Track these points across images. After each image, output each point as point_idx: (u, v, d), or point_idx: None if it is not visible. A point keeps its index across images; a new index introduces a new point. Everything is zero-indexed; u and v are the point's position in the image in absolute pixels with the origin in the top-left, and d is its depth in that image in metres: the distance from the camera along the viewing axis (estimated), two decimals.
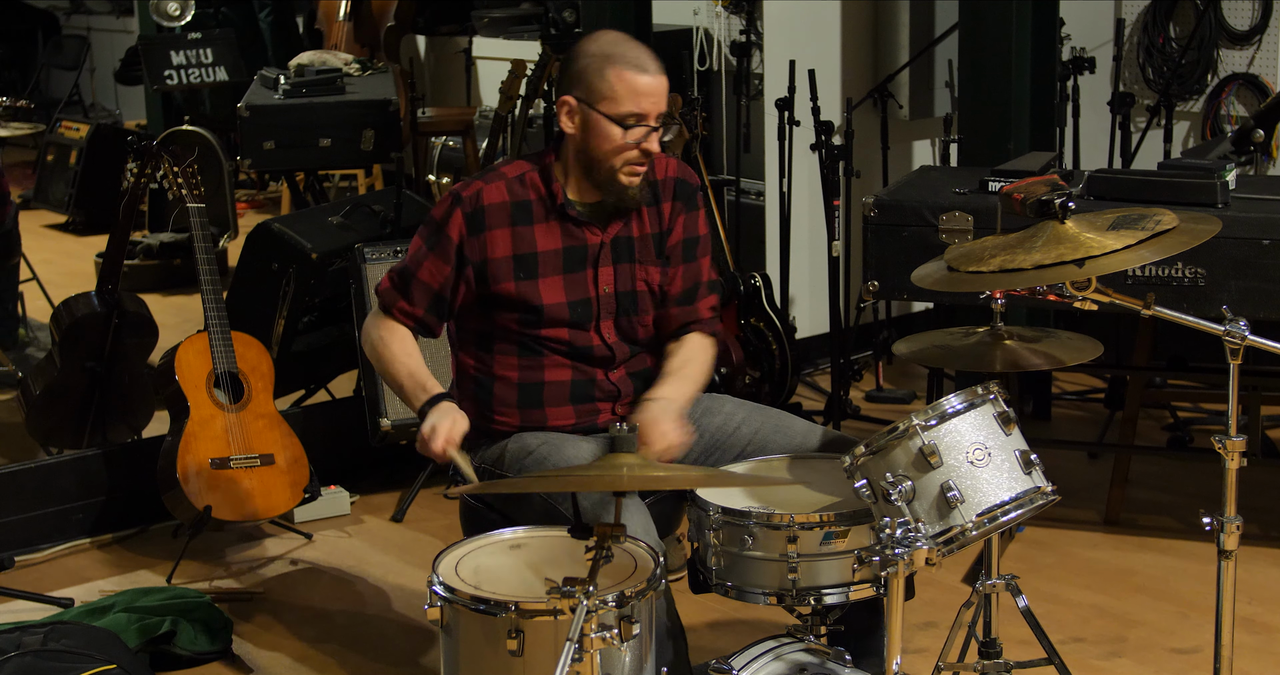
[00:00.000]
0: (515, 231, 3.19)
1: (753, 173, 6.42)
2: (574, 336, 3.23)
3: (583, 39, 3.19)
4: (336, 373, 5.36)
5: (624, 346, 3.28)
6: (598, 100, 3.10)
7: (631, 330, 3.29)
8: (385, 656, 3.91)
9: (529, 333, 3.22)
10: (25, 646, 3.37)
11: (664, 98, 3.13)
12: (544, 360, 3.24)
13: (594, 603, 2.46)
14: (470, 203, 3.18)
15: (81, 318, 4.77)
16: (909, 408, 5.67)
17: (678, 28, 7.29)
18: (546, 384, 3.24)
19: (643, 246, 3.28)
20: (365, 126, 6.43)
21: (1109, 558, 4.39)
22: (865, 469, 2.77)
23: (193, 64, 8.42)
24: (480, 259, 3.19)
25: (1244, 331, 2.82)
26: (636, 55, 3.11)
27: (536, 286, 3.19)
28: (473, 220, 3.18)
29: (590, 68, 3.10)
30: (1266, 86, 5.63)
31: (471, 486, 3.05)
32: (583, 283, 3.23)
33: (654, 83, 3.10)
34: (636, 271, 3.28)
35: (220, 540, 4.61)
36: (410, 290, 3.23)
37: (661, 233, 3.31)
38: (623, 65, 3.09)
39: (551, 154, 3.25)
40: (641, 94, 3.09)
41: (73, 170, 8.57)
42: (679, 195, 3.33)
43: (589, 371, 3.26)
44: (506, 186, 3.21)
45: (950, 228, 4.18)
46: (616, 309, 3.26)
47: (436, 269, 3.21)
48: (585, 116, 3.13)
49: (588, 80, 3.11)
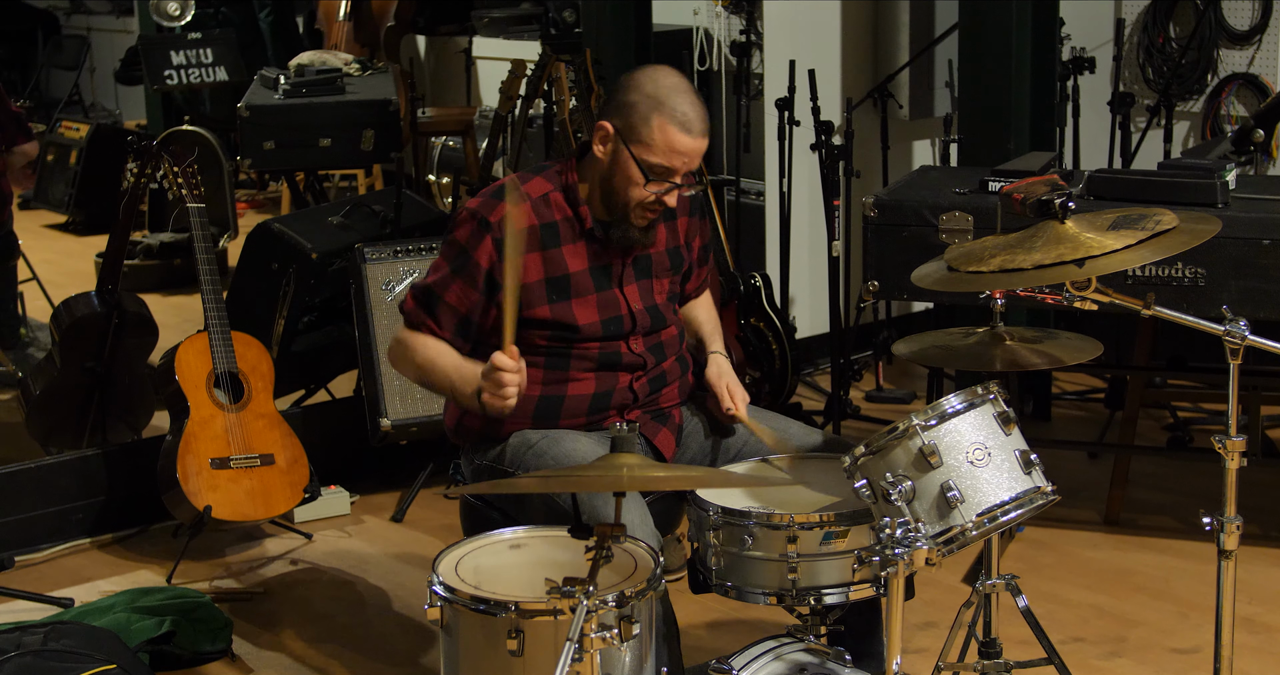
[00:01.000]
0: (545, 255, 3.17)
1: (753, 173, 6.42)
2: (605, 348, 3.23)
3: (644, 69, 3.15)
4: (336, 373, 5.36)
5: (652, 356, 3.29)
6: (634, 141, 3.08)
7: (658, 339, 3.30)
8: (385, 656, 3.91)
9: (560, 348, 3.21)
10: (25, 646, 3.37)
11: (698, 158, 3.12)
12: (569, 374, 3.22)
13: (594, 603, 2.46)
14: (499, 229, 3.12)
15: (81, 318, 4.77)
16: (909, 408, 5.67)
17: (678, 28, 7.28)
18: (568, 397, 3.23)
19: (659, 262, 3.31)
20: (365, 126, 6.43)
21: (1109, 558, 4.39)
22: (865, 469, 2.77)
23: (193, 64, 8.42)
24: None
25: (1244, 331, 2.82)
26: (686, 112, 3.06)
27: (570, 308, 3.18)
28: (502, 246, 3.12)
29: (639, 106, 3.07)
30: (1266, 86, 5.63)
31: (471, 486, 3.05)
32: (614, 301, 3.23)
33: (693, 145, 3.08)
34: (654, 285, 3.30)
35: (220, 540, 4.61)
36: (437, 313, 3.19)
37: (680, 244, 3.35)
38: (669, 119, 3.06)
39: (573, 172, 3.22)
40: (677, 152, 3.08)
41: (73, 170, 8.57)
42: (693, 210, 3.37)
43: (612, 381, 3.25)
44: (533, 208, 3.17)
45: (950, 228, 4.18)
46: (650, 323, 3.27)
47: (464, 294, 3.17)
48: (617, 149, 3.11)
49: (632, 118, 3.08)
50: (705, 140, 3.10)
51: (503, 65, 6.02)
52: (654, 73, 3.12)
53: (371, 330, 4.75)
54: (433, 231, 5.34)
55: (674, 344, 3.35)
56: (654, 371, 3.30)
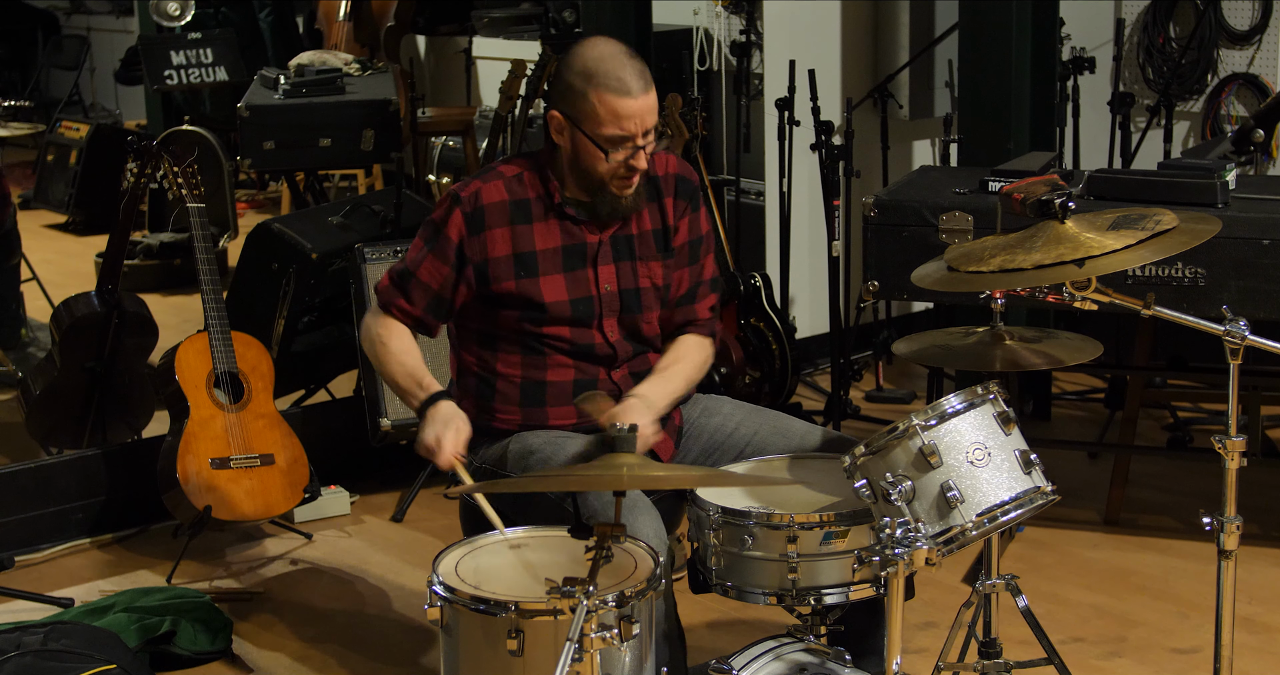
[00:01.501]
0: (515, 230, 3.19)
1: (753, 173, 6.42)
2: (576, 334, 3.23)
3: (572, 49, 3.14)
4: (336, 373, 5.36)
5: (626, 345, 3.28)
6: (582, 120, 3.08)
7: (635, 328, 3.28)
8: (385, 656, 3.91)
9: (532, 331, 3.22)
10: (25, 646, 3.37)
11: (650, 115, 3.09)
12: (546, 360, 3.23)
13: (594, 603, 2.46)
14: (469, 202, 3.18)
15: (81, 318, 4.77)
16: (909, 408, 5.67)
17: (678, 28, 7.29)
18: (549, 384, 3.24)
19: (643, 243, 3.27)
20: (365, 126, 6.43)
21: (1109, 558, 4.39)
22: (865, 469, 2.77)
23: (193, 64, 8.42)
24: (481, 259, 3.18)
25: (1244, 331, 2.82)
26: (619, 75, 3.04)
27: (538, 284, 3.19)
28: (472, 220, 3.18)
29: (574, 87, 3.07)
30: (1266, 86, 5.63)
31: (471, 486, 3.05)
32: (584, 281, 3.23)
33: (636, 104, 3.05)
34: (639, 268, 3.27)
35: (220, 540, 4.61)
36: (409, 290, 3.23)
37: (664, 229, 3.30)
38: (604, 88, 3.04)
39: (549, 153, 3.24)
40: (623, 117, 3.05)
41: (73, 170, 8.57)
42: (680, 193, 3.32)
43: (591, 371, 3.26)
44: (505, 185, 3.20)
45: (950, 228, 4.18)
46: (620, 307, 3.26)
47: (436, 269, 3.21)
48: (572, 133, 3.12)
49: (572, 99, 3.08)
50: (649, 95, 3.07)
51: (503, 65, 6.02)
52: (582, 49, 3.11)
53: None
54: None
55: (655, 335, 3.33)
56: (637, 365, 3.29)
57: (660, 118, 3.27)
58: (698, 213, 3.35)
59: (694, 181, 3.36)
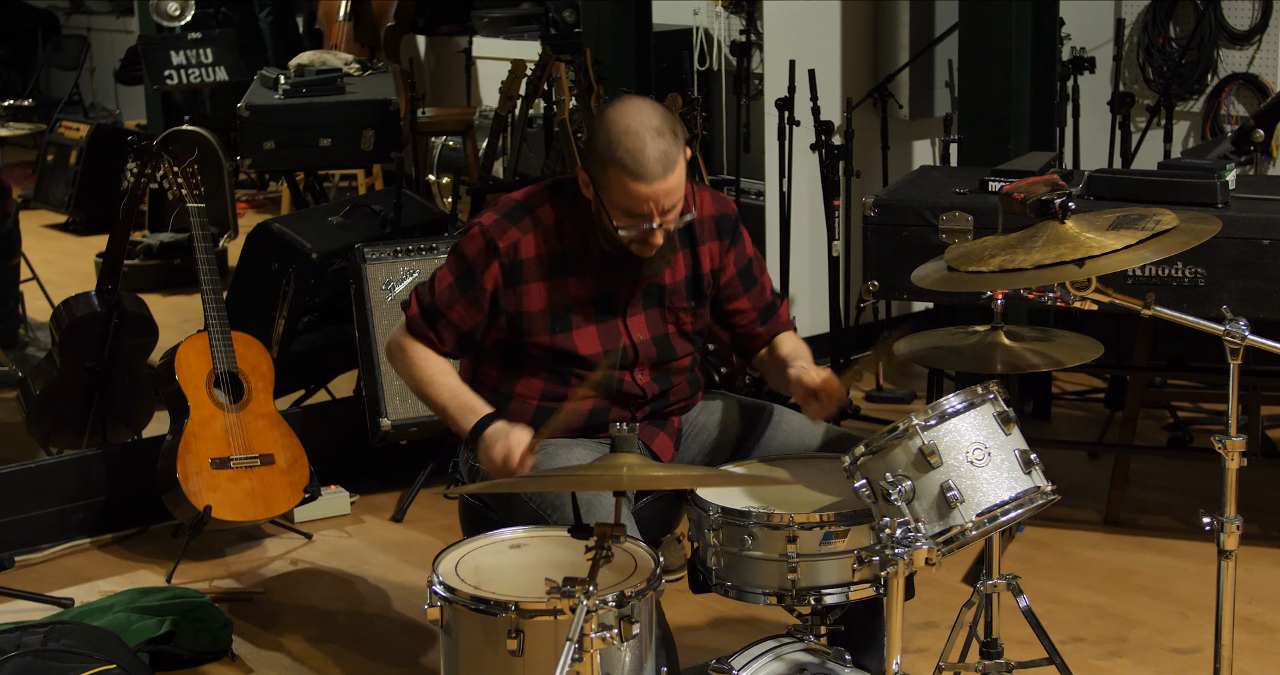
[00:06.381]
0: (550, 285, 3.14)
1: (753, 173, 6.42)
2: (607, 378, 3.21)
3: (607, 109, 3.05)
4: (336, 373, 5.36)
5: (654, 385, 3.26)
6: (601, 190, 3.03)
7: (665, 372, 3.27)
8: (385, 656, 3.91)
9: (562, 369, 3.20)
10: (25, 646, 3.37)
11: (668, 197, 2.99)
12: (570, 390, 3.21)
13: (594, 603, 2.46)
14: (508, 254, 3.12)
15: (81, 318, 4.77)
16: (909, 408, 5.67)
17: (678, 28, 7.28)
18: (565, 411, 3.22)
19: (674, 293, 3.24)
20: (365, 126, 6.43)
21: (1109, 558, 4.39)
22: (865, 469, 2.77)
23: (193, 64, 8.42)
24: (516, 310, 3.15)
25: (1244, 331, 2.82)
26: (637, 158, 2.94)
27: (571, 338, 3.17)
28: (510, 272, 3.12)
29: (599, 155, 2.99)
30: (1266, 86, 5.63)
31: (471, 486, 3.05)
32: (615, 331, 3.20)
33: (650, 190, 2.96)
34: (666, 316, 3.25)
35: (220, 540, 4.61)
36: (439, 328, 3.19)
37: (696, 276, 3.25)
38: (622, 169, 2.96)
39: (588, 203, 3.14)
40: (638, 200, 2.98)
41: (73, 170, 8.56)
42: (721, 233, 3.27)
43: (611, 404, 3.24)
44: (543, 237, 3.14)
45: (950, 228, 4.18)
46: (656, 355, 3.24)
47: (467, 314, 3.17)
48: (596, 196, 3.06)
49: (595, 168, 3.02)
50: (666, 180, 2.96)
51: (503, 65, 6.02)
52: (613, 113, 3.01)
53: (371, 330, 4.75)
54: (433, 231, 5.34)
55: (684, 371, 3.31)
56: (659, 404, 3.28)
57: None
58: (740, 242, 3.31)
59: (732, 214, 3.30)
